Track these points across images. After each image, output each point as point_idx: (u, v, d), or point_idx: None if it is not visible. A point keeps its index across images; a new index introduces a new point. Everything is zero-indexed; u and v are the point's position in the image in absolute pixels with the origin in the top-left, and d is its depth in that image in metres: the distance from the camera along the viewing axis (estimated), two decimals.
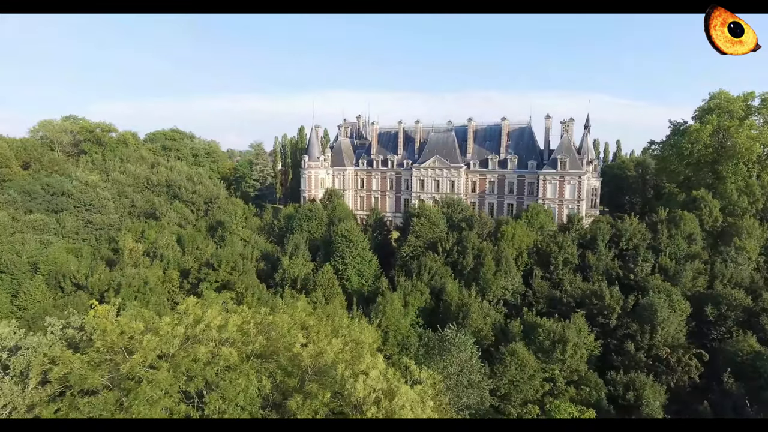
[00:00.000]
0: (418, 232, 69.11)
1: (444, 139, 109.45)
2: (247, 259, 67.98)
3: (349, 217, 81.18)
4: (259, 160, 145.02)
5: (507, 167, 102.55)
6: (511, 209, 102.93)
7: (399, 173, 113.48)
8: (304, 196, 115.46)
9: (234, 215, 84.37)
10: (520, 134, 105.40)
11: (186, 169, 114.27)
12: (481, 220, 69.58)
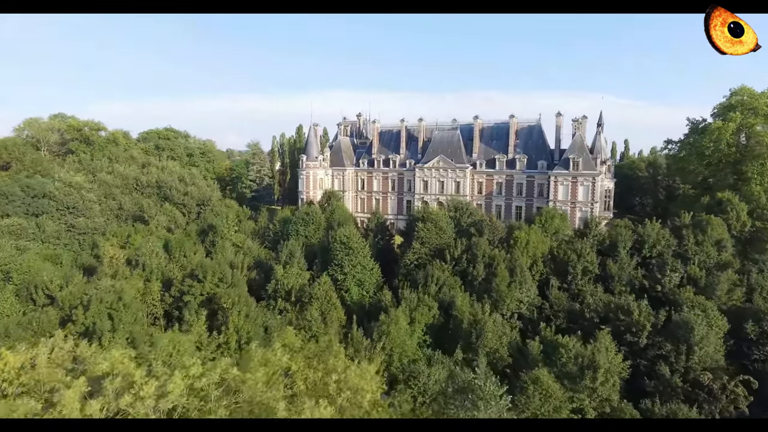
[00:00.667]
0: (423, 238, 63.08)
1: (449, 138, 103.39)
2: (238, 269, 61.98)
3: (349, 221, 75.19)
4: (255, 160, 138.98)
5: (515, 167, 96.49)
6: (520, 212, 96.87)
7: (401, 174, 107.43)
8: (301, 198, 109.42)
9: (226, 219, 78.36)
10: (529, 133, 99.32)
11: (178, 170, 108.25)
12: (491, 225, 63.58)
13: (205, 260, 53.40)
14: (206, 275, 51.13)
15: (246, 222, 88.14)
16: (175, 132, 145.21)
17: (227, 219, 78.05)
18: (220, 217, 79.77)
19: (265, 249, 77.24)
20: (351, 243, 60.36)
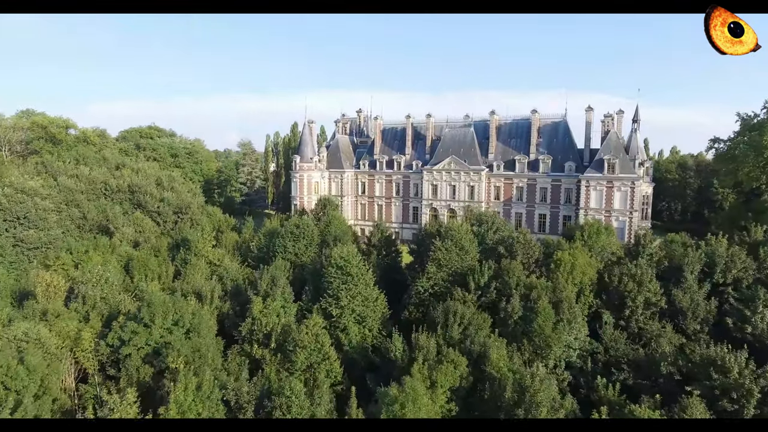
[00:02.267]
0: (440, 260, 49.42)
1: (461, 136, 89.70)
2: (206, 299, 48.43)
3: (347, 235, 61.56)
4: (246, 161, 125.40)
5: (539, 170, 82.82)
6: (544, 221, 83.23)
7: (407, 177, 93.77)
8: (294, 204, 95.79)
9: (201, 232, 64.65)
10: (554, 130, 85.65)
11: (155, 172, 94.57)
12: (525, 243, 49.95)
13: (153, 296, 39.63)
14: (153, 318, 37.40)
15: (228, 234, 74.47)
16: (159, 130, 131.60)
17: (203, 232, 64.33)
18: (196, 230, 66.05)
19: (247, 268, 63.66)
20: (350, 268, 46.71)
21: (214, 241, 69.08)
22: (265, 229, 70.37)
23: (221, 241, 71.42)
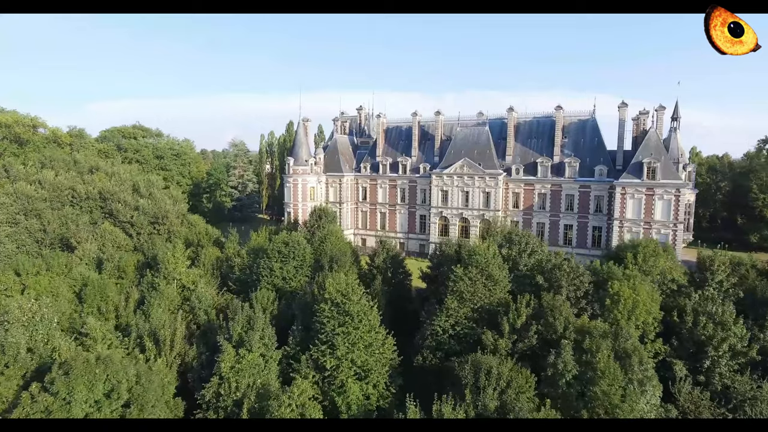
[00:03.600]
0: (462, 292, 38.48)
1: (475, 136, 78.67)
2: (164, 343, 37.59)
3: (346, 256, 50.52)
4: (238, 163, 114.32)
5: (564, 174, 71.80)
6: (570, 233, 72.23)
7: (413, 181, 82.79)
8: (288, 212, 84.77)
9: (173, 250, 53.64)
10: (580, 129, 74.63)
11: (131, 176, 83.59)
12: (571, 270, 38.92)
13: (78, 358, 28.53)
14: (73, 390, 26.38)
15: (208, 249, 63.41)
16: (144, 130, 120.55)
17: (174, 249, 53.28)
18: (167, 247, 55.01)
19: (228, 294, 52.80)
20: (349, 306, 35.74)
21: (189, 261, 58.17)
22: (250, 245, 59.39)
23: (200, 258, 60.45)
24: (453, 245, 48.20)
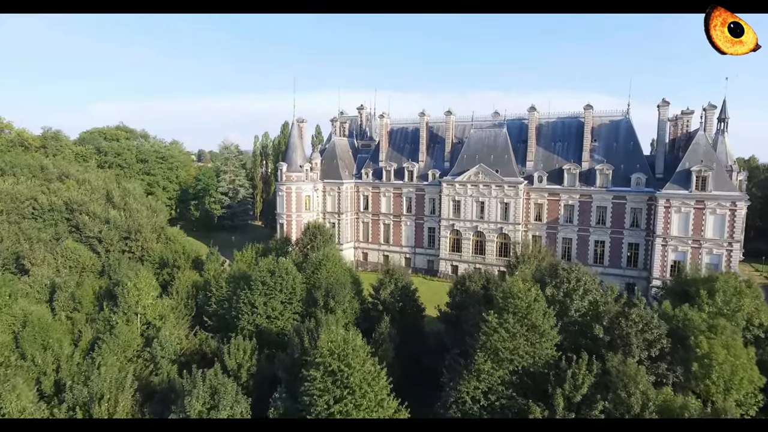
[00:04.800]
0: (499, 349, 28.80)
1: (491, 138, 68.87)
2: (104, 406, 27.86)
3: (345, 289, 40.64)
4: (228, 167, 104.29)
5: (595, 183, 62.07)
6: (602, 250, 62.48)
7: (421, 189, 73.00)
8: (280, 224, 74.97)
9: (136, 278, 43.80)
10: (613, 132, 64.86)
11: (104, 184, 73.76)
12: (640, 319, 29.17)
13: None
14: None
15: (185, 273, 53.64)
16: (128, 131, 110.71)
17: (137, 279, 43.40)
18: (129, 276, 45.07)
19: (203, 333, 43.08)
20: (349, 374, 25.98)
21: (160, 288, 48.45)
22: (233, 269, 49.52)
23: (174, 284, 50.71)
24: (479, 279, 38.29)
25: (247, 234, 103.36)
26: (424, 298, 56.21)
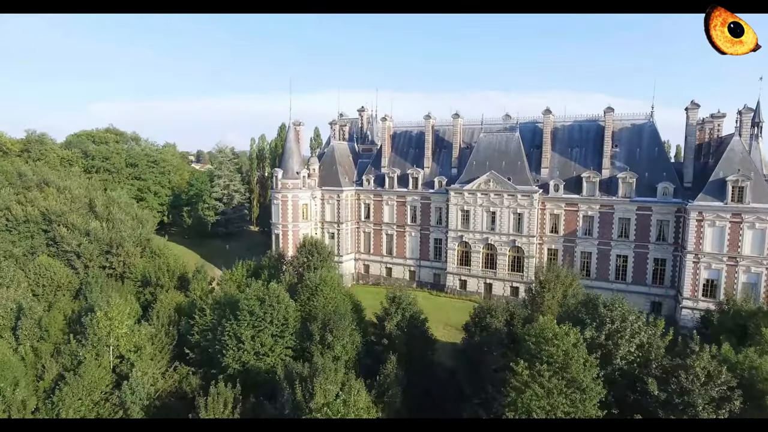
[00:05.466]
0: (529, 408, 23.52)
1: (502, 143, 63.53)
2: None
3: (344, 319, 35.33)
4: (223, 171, 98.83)
5: (617, 192, 56.76)
6: (624, 266, 57.16)
7: (426, 198, 67.66)
8: (276, 234, 69.64)
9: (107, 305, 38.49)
10: (635, 136, 59.50)
11: (87, 191, 68.43)
12: (704, 366, 23.91)
13: None
14: None
15: (168, 294, 48.31)
16: (118, 134, 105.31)
17: (108, 308, 38.08)
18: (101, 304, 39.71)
19: (182, 368, 37.87)
20: None
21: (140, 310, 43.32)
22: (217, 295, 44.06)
23: (155, 308, 45.42)
24: (501, 314, 32.87)
25: (242, 241, 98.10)
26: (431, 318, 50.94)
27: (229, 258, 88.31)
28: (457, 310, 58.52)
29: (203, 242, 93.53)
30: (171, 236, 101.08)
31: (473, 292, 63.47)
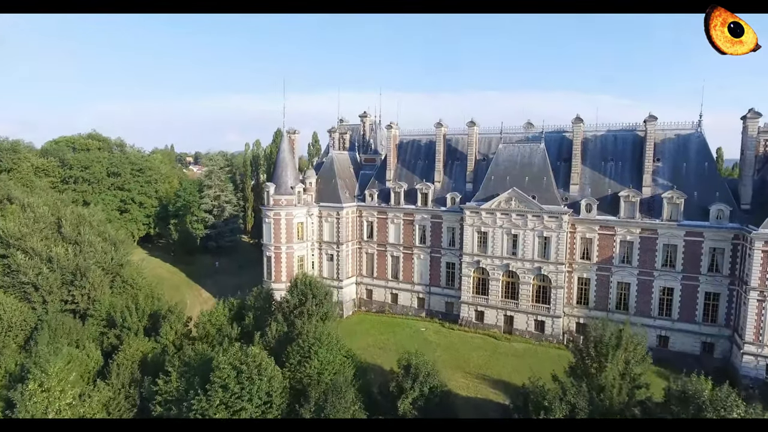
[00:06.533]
0: None
1: (525, 156, 55.22)
2: None
3: (342, 390, 27.15)
4: (213, 181, 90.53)
5: (660, 215, 48.46)
6: (669, 300, 48.88)
7: (437, 217, 59.38)
8: (267, 256, 61.33)
9: (41, 374, 30.19)
10: (680, 149, 51.18)
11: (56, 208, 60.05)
12: None
13: None
14: None
15: (135, 344, 40.01)
16: (101, 140, 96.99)
17: (44, 377, 29.79)
18: (36, 369, 31.38)
19: None
20: None
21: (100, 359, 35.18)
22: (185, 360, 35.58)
23: (116, 360, 37.20)
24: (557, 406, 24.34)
25: (234, 257, 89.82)
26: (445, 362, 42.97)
27: (219, 277, 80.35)
28: (476, 350, 50.41)
29: (191, 258, 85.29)
30: (157, 250, 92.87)
31: (491, 325, 55.28)
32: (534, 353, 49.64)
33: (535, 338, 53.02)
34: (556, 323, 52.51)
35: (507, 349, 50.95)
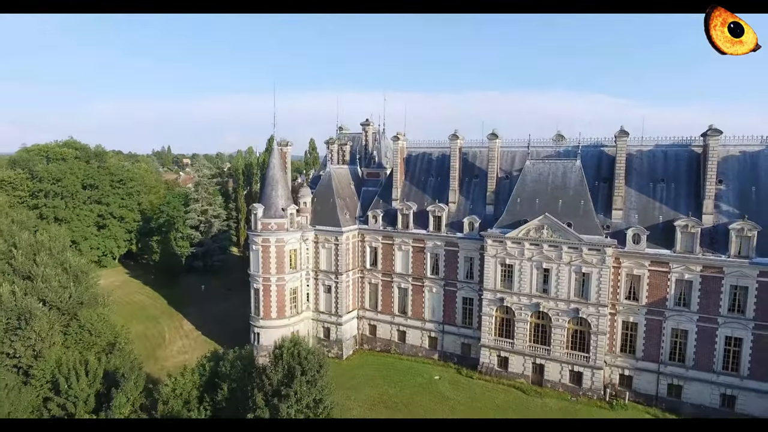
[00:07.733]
0: None
1: (557, 175, 46.28)
2: None
3: None
4: (200, 194, 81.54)
5: (728, 249, 39.59)
6: (737, 351, 40.02)
7: (452, 244, 50.42)
8: (255, 288, 52.35)
9: None
10: (748, 169, 42.28)
11: (7, 234, 51.02)
12: None
13: None
14: None
15: None
16: (79, 148, 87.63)
17: None
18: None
19: None
20: None
21: None
22: None
23: None
24: None
25: (223, 277, 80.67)
26: None
27: (204, 304, 71.26)
28: (501, 411, 41.46)
29: (174, 280, 76.20)
30: (140, 269, 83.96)
31: (517, 374, 46.44)
32: (574, 415, 40.77)
33: (571, 392, 44.20)
34: (597, 375, 43.66)
35: (539, 408, 42.08)
